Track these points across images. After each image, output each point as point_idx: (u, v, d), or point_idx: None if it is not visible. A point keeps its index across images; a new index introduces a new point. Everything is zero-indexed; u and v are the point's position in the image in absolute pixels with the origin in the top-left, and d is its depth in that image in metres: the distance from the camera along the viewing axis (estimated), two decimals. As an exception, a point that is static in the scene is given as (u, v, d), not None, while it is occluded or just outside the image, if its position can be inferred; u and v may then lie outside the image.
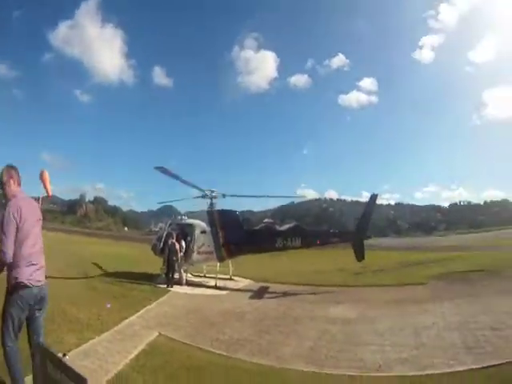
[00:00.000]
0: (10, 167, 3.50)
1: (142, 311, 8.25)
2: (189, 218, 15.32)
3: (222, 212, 13.99)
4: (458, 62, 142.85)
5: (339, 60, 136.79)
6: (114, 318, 7.25)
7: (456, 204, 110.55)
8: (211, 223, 13.75)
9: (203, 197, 14.36)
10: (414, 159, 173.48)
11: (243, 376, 4.71)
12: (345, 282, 13.23)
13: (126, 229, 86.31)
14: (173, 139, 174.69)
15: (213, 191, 14.33)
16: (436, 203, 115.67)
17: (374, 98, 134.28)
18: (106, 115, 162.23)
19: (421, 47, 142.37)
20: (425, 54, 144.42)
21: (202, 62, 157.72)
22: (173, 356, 5.30)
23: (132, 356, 5.05)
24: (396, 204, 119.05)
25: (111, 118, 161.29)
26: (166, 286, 11.92)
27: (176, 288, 11.90)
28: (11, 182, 3.43)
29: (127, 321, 7.21)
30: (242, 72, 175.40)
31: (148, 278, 12.89)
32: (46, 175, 4.61)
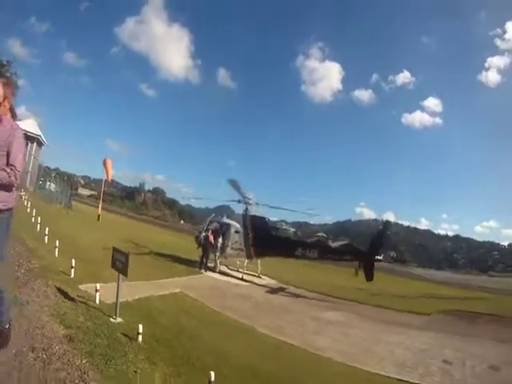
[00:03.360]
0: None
1: (174, 278, 10.85)
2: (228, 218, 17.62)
3: (254, 217, 16.17)
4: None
5: (404, 77, 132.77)
6: (154, 278, 9.87)
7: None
8: (244, 225, 16.06)
9: (239, 202, 16.55)
10: (477, 189, 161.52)
11: (222, 325, 6.97)
12: (355, 299, 14.03)
13: (181, 222, 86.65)
14: (234, 140, 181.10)
15: (249, 198, 16.50)
16: (495, 240, 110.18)
17: (438, 120, 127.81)
18: (170, 111, 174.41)
19: (487, 69, 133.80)
20: (491, 76, 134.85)
21: (267, 67, 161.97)
22: (184, 302, 7.82)
23: (158, 294, 7.59)
24: (454, 236, 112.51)
25: (175, 113, 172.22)
26: (199, 269, 14.41)
27: (209, 273, 14.37)
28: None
29: (161, 281, 9.82)
30: (306, 81, 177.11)
31: (190, 263, 15.38)
32: (109, 162, 6.49)
